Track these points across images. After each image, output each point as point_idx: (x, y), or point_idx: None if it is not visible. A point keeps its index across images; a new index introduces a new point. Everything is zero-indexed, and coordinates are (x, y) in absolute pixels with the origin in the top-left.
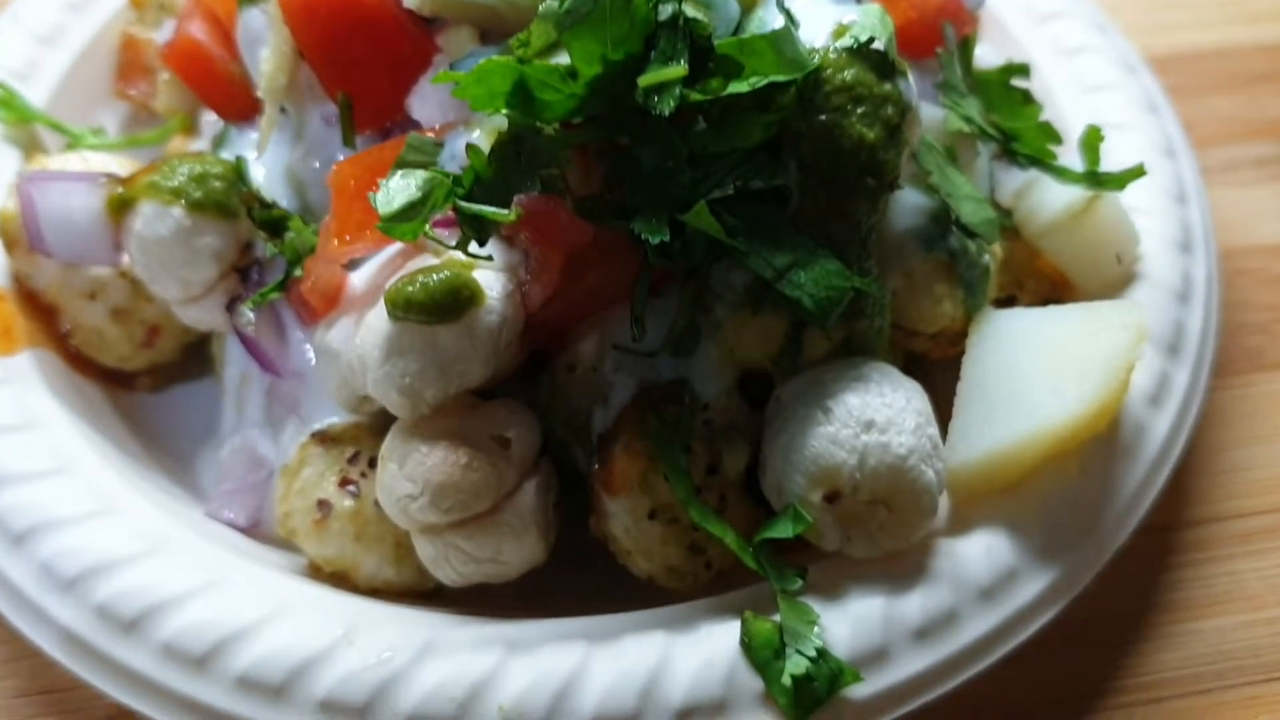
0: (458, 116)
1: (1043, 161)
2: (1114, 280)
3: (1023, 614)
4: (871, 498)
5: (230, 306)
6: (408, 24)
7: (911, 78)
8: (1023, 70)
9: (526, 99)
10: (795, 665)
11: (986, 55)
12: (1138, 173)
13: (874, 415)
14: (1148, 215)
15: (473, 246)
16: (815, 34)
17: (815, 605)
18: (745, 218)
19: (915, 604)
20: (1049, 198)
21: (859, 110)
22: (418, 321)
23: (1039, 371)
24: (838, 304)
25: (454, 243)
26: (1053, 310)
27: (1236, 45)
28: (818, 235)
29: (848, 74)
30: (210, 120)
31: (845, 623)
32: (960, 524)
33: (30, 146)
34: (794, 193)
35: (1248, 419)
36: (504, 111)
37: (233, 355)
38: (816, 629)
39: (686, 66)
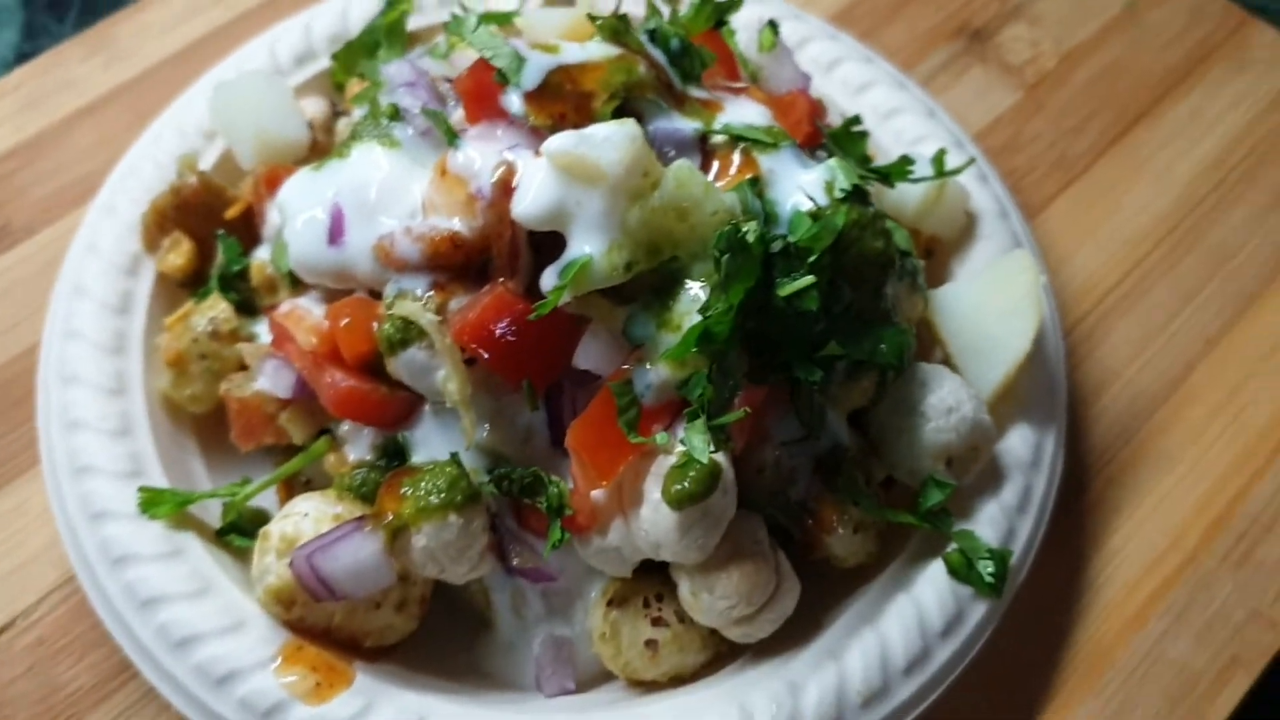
0: (619, 358)
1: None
2: (961, 230)
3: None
4: (970, 444)
5: (497, 553)
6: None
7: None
8: (856, 120)
9: (708, 337)
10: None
11: None
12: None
13: (950, 402)
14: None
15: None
16: (813, 192)
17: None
18: (840, 332)
19: None
20: (911, 193)
21: (866, 233)
22: (695, 504)
23: (996, 315)
24: (909, 350)
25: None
26: (972, 280)
27: None
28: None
29: (853, 213)
30: (344, 429)
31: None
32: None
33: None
34: (847, 298)
35: None
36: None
37: (495, 584)
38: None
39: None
